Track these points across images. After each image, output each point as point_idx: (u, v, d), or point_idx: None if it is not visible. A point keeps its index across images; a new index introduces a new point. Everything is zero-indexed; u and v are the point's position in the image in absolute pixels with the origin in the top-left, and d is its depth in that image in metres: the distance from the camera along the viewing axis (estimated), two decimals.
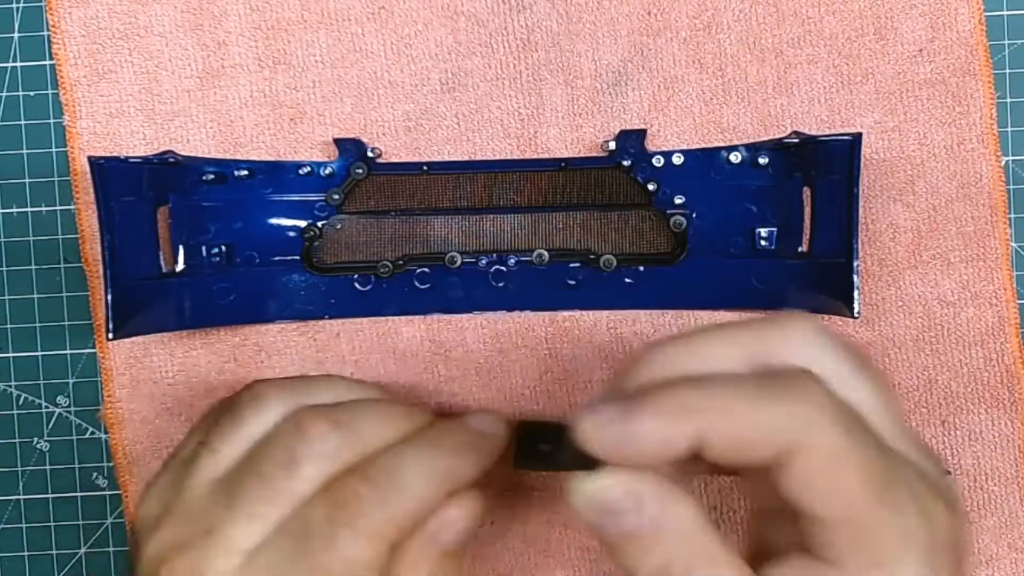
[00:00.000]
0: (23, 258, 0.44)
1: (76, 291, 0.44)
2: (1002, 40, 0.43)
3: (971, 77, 0.43)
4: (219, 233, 0.43)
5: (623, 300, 0.43)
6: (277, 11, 0.43)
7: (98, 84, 0.43)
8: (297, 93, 0.43)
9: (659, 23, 0.43)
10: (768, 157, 0.42)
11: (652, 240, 0.43)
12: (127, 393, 0.44)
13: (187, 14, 0.43)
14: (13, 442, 0.44)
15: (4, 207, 0.44)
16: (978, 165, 0.43)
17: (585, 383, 0.44)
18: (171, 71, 0.43)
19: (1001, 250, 0.43)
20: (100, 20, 0.43)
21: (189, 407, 0.44)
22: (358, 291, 0.43)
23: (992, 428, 0.43)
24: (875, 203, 0.43)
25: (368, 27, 0.43)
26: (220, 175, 0.43)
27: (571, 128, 0.43)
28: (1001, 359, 0.43)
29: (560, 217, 0.43)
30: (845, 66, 0.43)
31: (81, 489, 0.44)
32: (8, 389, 0.44)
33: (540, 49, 0.43)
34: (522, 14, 0.43)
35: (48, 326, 0.44)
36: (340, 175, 0.43)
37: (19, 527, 0.45)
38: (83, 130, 0.43)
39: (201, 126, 0.43)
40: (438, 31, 0.43)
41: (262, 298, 0.43)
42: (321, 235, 0.43)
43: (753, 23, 0.43)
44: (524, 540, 0.44)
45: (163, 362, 0.44)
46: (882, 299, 0.43)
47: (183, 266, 0.42)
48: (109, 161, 0.40)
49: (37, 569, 0.45)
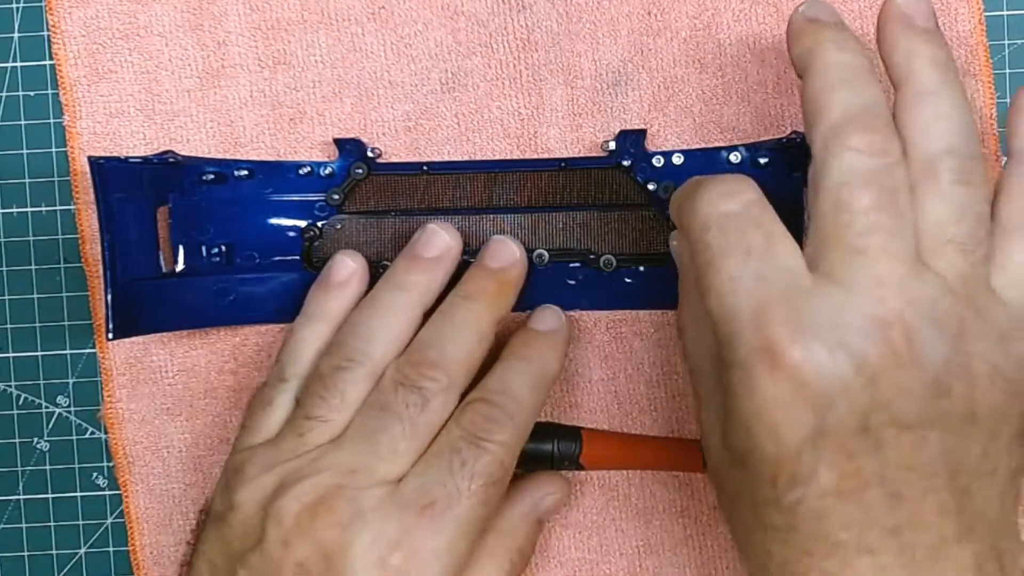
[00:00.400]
0: (23, 258, 0.44)
1: (76, 291, 0.44)
2: (1002, 40, 0.43)
3: (971, 77, 0.43)
4: (219, 233, 0.43)
5: (623, 300, 0.43)
6: (277, 11, 0.43)
7: (98, 84, 0.43)
8: (297, 93, 0.43)
9: (659, 23, 0.43)
10: (768, 157, 0.42)
11: (652, 240, 0.43)
12: (127, 393, 0.44)
13: (187, 14, 0.43)
14: (13, 442, 0.44)
15: (4, 207, 0.44)
16: None
17: (585, 383, 0.44)
18: (171, 71, 0.43)
19: None
20: (100, 20, 0.43)
21: (189, 407, 0.44)
22: None
23: None
24: None
25: (368, 27, 0.43)
26: (220, 175, 0.43)
27: (571, 128, 0.43)
28: None
29: (560, 217, 0.43)
30: None
31: (81, 489, 0.44)
32: (8, 389, 0.44)
33: (540, 49, 0.43)
34: (522, 14, 0.43)
35: (48, 326, 0.44)
36: (340, 175, 0.43)
37: (19, 527, 0.45)
38: (83, 130, 0.43)
39: (201, 126, 0.43)
40: (438, 31, 0.43)
41: (262, 298, 0.43)
42: (321, 235, 0.43)
43: (753, 23, 0.43)
44: None
45: (163, 362, 0.44)
46: None
47: (183, 266, 0.42)
48: (109, 161, 0.40)
49: (37, 569, 0.45)
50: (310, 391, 0.39)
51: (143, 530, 0.44)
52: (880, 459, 0.32)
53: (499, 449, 0.37)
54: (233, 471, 0.38)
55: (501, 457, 0.37)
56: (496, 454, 0.37)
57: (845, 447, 0.32)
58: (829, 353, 0.31)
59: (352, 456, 0.37)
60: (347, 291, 0.41)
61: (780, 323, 0.32)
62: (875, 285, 0.32)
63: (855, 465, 0.32)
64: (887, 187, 0.33)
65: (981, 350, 0.32)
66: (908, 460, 0.32)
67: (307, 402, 0.39)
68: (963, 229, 0.33)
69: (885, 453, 0.32)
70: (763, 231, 0.33)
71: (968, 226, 0.33)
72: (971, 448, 0.32)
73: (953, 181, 0.33)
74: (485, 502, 0.37)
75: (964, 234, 0.33)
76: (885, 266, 0.32)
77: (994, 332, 0.33)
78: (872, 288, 0.32)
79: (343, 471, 0.37)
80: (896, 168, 0.33)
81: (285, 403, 0.39)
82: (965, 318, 0.32)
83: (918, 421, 0.32)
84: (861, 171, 0.33)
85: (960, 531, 0.32)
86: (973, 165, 0.34)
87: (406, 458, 0.37)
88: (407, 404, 0.37)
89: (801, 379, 0.31)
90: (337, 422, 0.38)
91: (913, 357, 0.32)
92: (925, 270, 0.33)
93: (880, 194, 0.33)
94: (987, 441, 0.32)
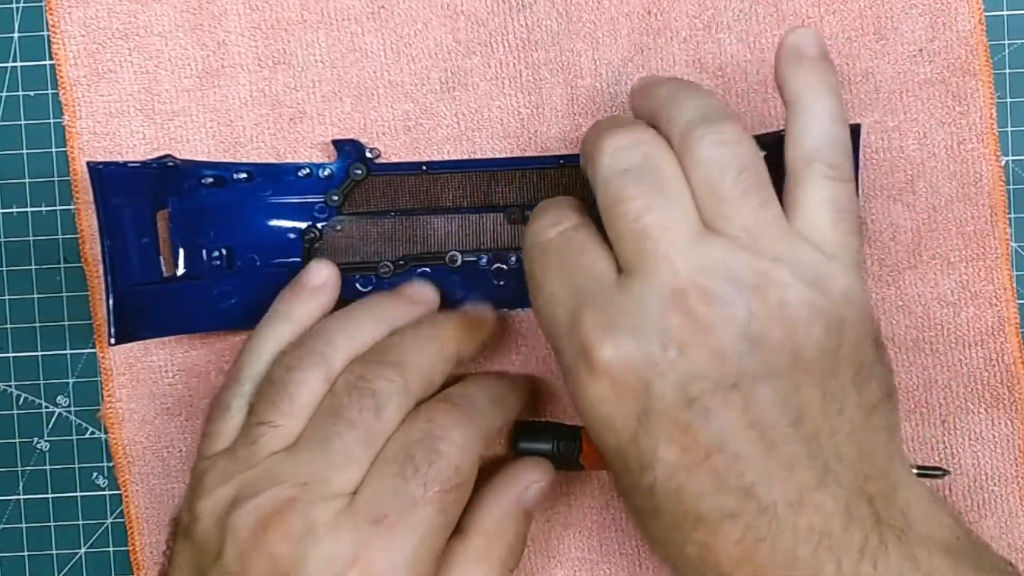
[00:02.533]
0: (23, 258, 0.44)
1: (76, 291, 0.44)
2: (1002, 40, 0.43)
3: (971, 77, 0.43)
4: (219, 236, 0.43)
5: None
6: (277, 11, 0.43)
7: (98, 84, 0.43)
8: (297, 93, 0.43)
9: (659, 23, 0.43)
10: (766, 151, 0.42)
11: None
12: (127, 393, 0.44)
13: (187, 14, 0.43)
14: (13, 442, 0.44)
15: (4, 207, 0.44)
16: (978, 165, 0.43)
17: None
18: (171, 71, 0.43)
19: (1001, 250, 0.43)
20: (100, 20, 0.43)
21: (189, 407, 0.44)
22: (359, 292, 0.43)
23: (992, 428, 0.43)
24: (875, 203, 0.43)
25: (368, 27, 0.43)
26: (219, 178, 0.43)
27: (571, 127, 0.43)
28: (1001, 359, 0.43)
29: None
30: (845, 66, 0.43)
31: (81, 489, 0.45)
32: (8, 389, 0.44)
33: (540, 48, 0.43)
34: (522, 13, 0.43)
35: (48, 326, 0.44)
36: (339, 176, 0.43)
37: (19, 527, 0.45)
38: (83, 130, 0.43)
39: (201, 126, 0.43)
40: (438, 30, 0.43)
41: (264, 301, 0.42)
42: (321, 236, 0.43)
43: (753, 23, 0.43)
44: None
45: (163, 362, 0.44)
46: (882, 299, 0.43)
47: (184, 270, 0.42)
48: (108, 166, 0.40)
49: (37, 569, 0.45)
50: (261, 395, 0.38)
51: (143, 530, 0.44)
52: (714, 425, 0.32)
53: (454, 452, 0.36)
54: (196, 481, 0.38)
55: (456, 462, 0.36)
56: (451, 458, 0.36)
57: (677, 422, 0.32)
58: (635, 340, 0.32)
59: (306, 466, 0.36)
60: (318, 297, 0.41)
61: (591, 326, 0.33)
62: (664, 261, 0.33)
63: (691, 437, 0.32)
64: (648, 168, 0.34)
65: (794, 295, 0.32)
66: (743, 419, 0.32)
67: (258, 407, 0.38)
68: (730, 185, 0.33)
69: (717, 418, 0.32)
70: (574, 248, 0.35)
71: (733, 181, 0.33)
72: (807, 393, 0.32)
73: (711, 143, 0.34)
74: (442, 509, 0.35)
75: (733, 190, 0.33)
76: (668, 241, 0.33)
77: (806, 274, 0.33)
78: (663, 266, 0.33)
79: (296, 483, 0.35)
80: (653, 149, 0.34)
81: (242, 407, 0.38)
82: (766, 270, 0.33)
83: (740, 378, 0.32)
84: (620, 163, 0.34)
85: (818, 478, 0.32)
86: (726, 126, 0.34)
87: (362, 465, 0.36)
88: (360, 410, 0.36)
89: (615, 373, 0.32)
90: (289, 428, 0.37)
91: (716, 318, 0.32)
92: (711, 234, 0.33)
93: (642, 176, 0.34)
94: (823, 381, 0.33)
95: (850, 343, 0.33)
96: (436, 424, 0.36)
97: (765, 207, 0.34)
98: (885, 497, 0.33)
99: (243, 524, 0.35)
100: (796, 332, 0.32)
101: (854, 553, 0.32)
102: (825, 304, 0.33)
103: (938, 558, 0.33)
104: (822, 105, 0.35)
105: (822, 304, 0.33)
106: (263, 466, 0.36)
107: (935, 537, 0.33)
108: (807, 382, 0.32)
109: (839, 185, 0.34)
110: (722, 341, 0.32)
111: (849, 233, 0.34)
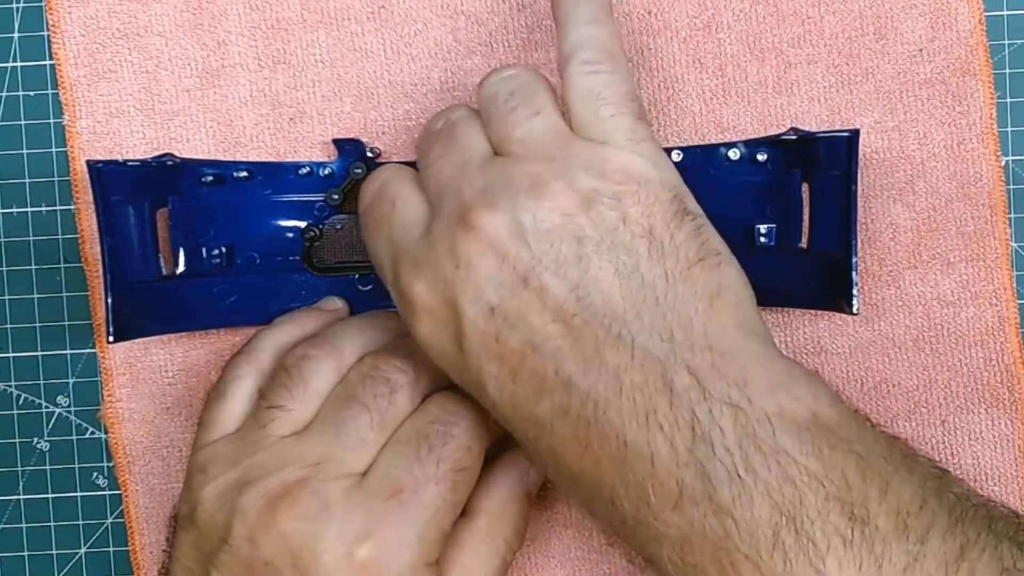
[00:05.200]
0: (23, 258, 0.44)
1: (76, 291, 0.44)
2: (1002, 40, 0.43)
3: (971, 77, 0.43)
4: (219, 235, 0.43)
5: None
6: (277, 10, 0.43)
7: (98, 84, 0.43)
8: (297, 92, 0.43)
9: (659, 23, 0.43)
10: (767, 153, 0.42)
11: None
12: (127, 393, 0.44)
13: (187, 13, 0.43)
14: (13, 442, 0.44)
15: (4, 207, 0.44)
16: (978, 165, 0.43)
17: None
18: (171, 71, 0.43)
19: (1001, 250, 0.43)
20: (100, 20, 0.43)
21: (189, 407, 0.44)
22: (360, 291, 0.43)
23: (992, 428, 0.43)
24: (875, 203, 0.43)
25: (368, 26, 0.43)
26: (219, 177, 0.43)
27: None
28: (1001, 359, 0.43)
29: None
30: (845, 66, 0.43)
31: (81, 489, 0.45)
32: (8, 389, 0.44)
33: (540, 48, 0.43)
34: (522, 13, 0.43)
35: (48, 326, 0.44)
36: (339, 175, 0.43)
37: (19, 527, 0.45)
38: (83, 130, 0.43)
39: (201, 125, 0.43)
40: (438, 30, 0.43)
41: (263, 299, 0.43)
42: (322, 235, 0.43)
43: (753, 23, 0.43)
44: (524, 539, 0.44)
45: (163, 362, 0.44)
46: (882, 299, 0.43)
47: (183, 268, 0.42)
48: (107, 165, 0.40)
49: (37, 569, 0.45)
50: (274, 380, 0.38)
51: (143, 530, 0.44)
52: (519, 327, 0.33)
53: (466, 434, 0.37)
54: (197, 469, 0.38)
55: (468, 443, 0.37)
56: (463, 439, 0.37)
57: (487, 334, 0.34)
58: (432, 268, 0.34)
59: (317, 448, 0.36)
60: (327, 315, 0.42)
61: (405, 271, 0.35)
62: (454, 193, 0.35)
63: (503, 345, 0.34)
64: (446, 128, 0.37)
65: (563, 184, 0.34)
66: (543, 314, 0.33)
67: (270, 392, 0.38)
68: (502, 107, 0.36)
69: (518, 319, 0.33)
70: (388, 204, 0.37)
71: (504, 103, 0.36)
72: (596, 273, 0.33)
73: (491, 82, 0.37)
74: (454, 488, 0.36)
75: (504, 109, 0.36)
76: (458, 177, 0.35)
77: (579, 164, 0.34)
78: (452, 198, 0.35)
79: (307, 463, 0.36)
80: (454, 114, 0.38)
81: (242, 395, 0.39)
82: (538, 171, 0.34)
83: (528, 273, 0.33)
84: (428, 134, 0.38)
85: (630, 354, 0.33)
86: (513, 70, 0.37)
87: (373, 449, 0.37)
88: (375, 395, 0.37)
89: (427, 305, 0.35)
90: (301, 412, 0.38)
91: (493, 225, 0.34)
92: (496, 158, 0.36)
93: (439, 134, 0.37)
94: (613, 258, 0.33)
95: (634, 217, 0.34)
96: (448, 410, 0.37)
97: (536, 118, 0.36)
98: (714, 369, 0.32)
99: (252, 505, 0.35)
100: (573, 217, 0.34)
101: (686, 432, 0.32)
102: (598, 184, 0.34)
103: (785, 436, 0.31)
104: (578, 12, 0.37)
105: (596, 185, 0.34)
106: (272, 449, 0.37)
107: (785, 414, 0.32)
108: (594, 263, 0.33)
109: (596, 76, 0.36)
110: (503, 244, 0.34)
111: (616, 116, 0.35)
